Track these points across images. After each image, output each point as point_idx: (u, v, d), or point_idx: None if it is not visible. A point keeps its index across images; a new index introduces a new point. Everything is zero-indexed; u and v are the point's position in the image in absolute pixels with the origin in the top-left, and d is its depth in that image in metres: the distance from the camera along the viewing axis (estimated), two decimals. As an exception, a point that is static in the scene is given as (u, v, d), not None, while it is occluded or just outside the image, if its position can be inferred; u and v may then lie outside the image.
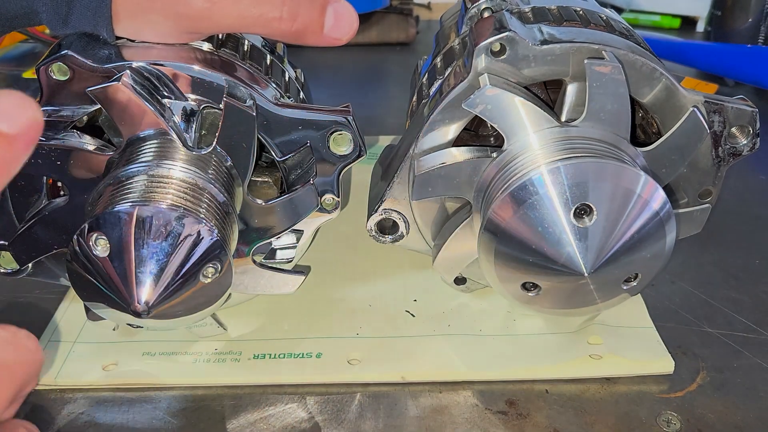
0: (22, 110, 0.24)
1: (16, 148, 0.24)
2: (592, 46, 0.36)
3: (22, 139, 0.24)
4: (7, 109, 0.24)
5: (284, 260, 0.42)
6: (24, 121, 0.24)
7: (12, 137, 0.24)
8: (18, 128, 0.24)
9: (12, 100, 0.24)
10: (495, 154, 0.37)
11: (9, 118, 0.24)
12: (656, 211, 0.35)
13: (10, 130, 0.23)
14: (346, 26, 0.36)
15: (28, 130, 0.24)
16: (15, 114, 0.24)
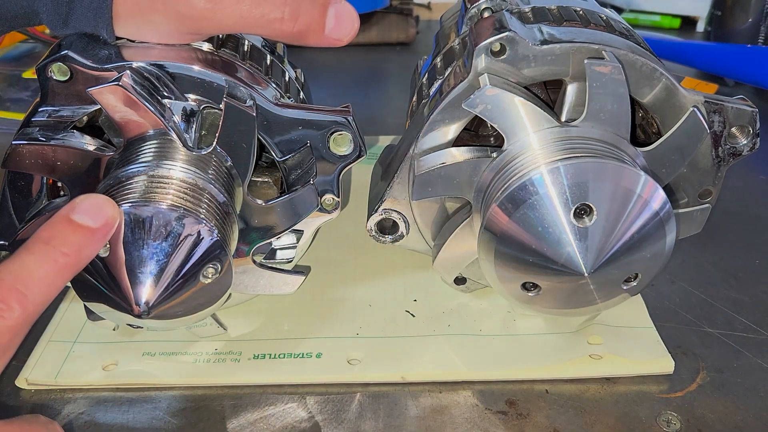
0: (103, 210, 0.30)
1: (96, 240, 0.30)
2: (592, 46, 0.36)
3: (101, 232, 0.30)
4: (91, 207, 0.30)
5: (284, 260, 0.42)
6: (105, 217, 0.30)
7: (94, 230, 0.30)
8: (100, 223, 0.30)
9: (96, 201, 0.30)
10: (495, 154, 0.37)
11: (93, 215, 0.30)
12: (656, 211, 0.35)
13: (94, 225, 0.30)
14: (347, 27, 0.36)
15: (107, 225, 0.30)
16: (98, 212, 0.30)
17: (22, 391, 0.38)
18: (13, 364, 0.40)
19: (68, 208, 0.30)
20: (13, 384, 0.38)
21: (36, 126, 0.36)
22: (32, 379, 0.39)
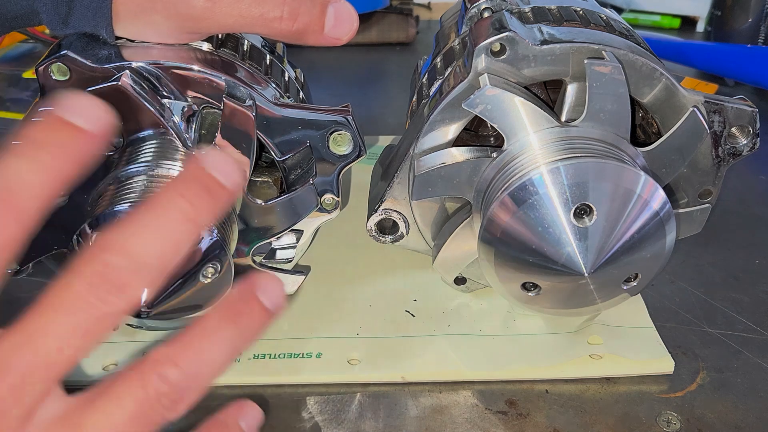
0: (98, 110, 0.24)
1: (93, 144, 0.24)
2: (592, 46, 0.36)
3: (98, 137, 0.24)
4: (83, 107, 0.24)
5: (284, 260, 0.42)
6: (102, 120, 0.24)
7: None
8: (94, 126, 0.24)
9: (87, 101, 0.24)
10: (495, 154, 0.37)
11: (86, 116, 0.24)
12: (656, 211, 0.35)
13: (87, 127, 0.24)
14: (346, 26, 0.36)
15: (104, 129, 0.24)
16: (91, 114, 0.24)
17: (21, 391, 0.38)
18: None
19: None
20: (12, 384, 0.38)
21: (36, 126, 0.36)
22: (32, 379, 0.39)
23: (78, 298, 0.23)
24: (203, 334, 0.25)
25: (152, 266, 0.24)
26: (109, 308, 0.23)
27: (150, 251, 0.24)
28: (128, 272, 0.23)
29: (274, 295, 0.25)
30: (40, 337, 0.23)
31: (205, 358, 0.24)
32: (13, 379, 0.22)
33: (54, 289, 0.24)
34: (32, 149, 0.24)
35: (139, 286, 0.24)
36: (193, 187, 0.24)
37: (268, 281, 0.25)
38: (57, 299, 0.24)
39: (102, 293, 0.23)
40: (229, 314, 0.25)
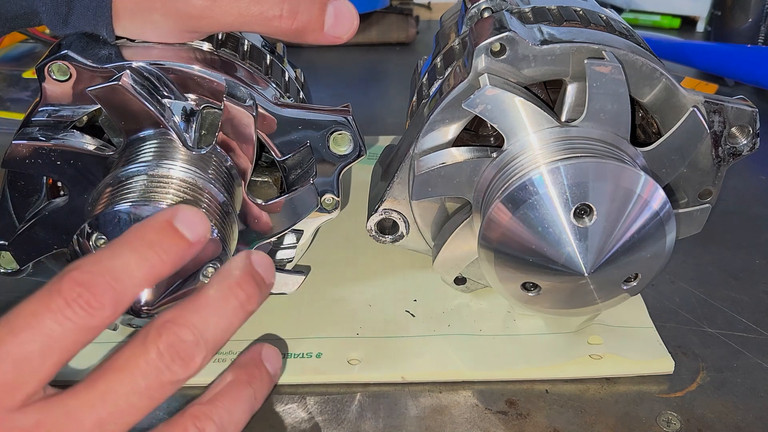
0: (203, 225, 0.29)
1: (189, 254, 0.28)
2: (592, 46, 0.36)
3: (195, 248, 0.28)
4: (192, 219, 0.28)
5: (284, 260, 0.42)
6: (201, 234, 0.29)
7: (191, 244, 0.28)
8: (196, 239, 0.28)
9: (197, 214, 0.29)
10: (495, 154, 0.37)
11: (193, 228, 0.28)
12: (656, 211, 0.35)
13: (192, 239, 0.28)
14: (346, 25, 0.36)
15: (200, 243, 0.29)
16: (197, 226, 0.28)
17: (21, 391, 0.38)
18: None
19: (170, 213, 0.28)
20: (12, 384, 0.38)
21: (36, 126, 0.36)
22: (32, 379, 0.39)
23: (148, 364, 0.26)
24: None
25: (212, 344, 0.27)
26: (174, 377, 0.26)
27: (212, 330, 0.27)
28: (194, 346, 0.26)
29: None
30: (111, 397, 0.25)
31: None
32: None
33: (125, 352, 0.26)
34: (142, 246, 0.27)
35: (200, 360, 0.27)
36: (250, 282, 0.28)
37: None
38: (128, 362, 0.26)
39: (169, 362, 0.26)
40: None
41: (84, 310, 0.25)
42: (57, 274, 0.26)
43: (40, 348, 0.25)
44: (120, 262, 0.26)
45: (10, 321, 0.25)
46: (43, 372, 0.25)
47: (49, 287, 0.25)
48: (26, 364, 0.24)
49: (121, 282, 0.26)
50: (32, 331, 0.25)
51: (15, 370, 0.24)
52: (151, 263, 0.27)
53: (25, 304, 0.25)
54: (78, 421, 0.25)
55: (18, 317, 0.25)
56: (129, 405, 0.25)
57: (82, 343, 0.26)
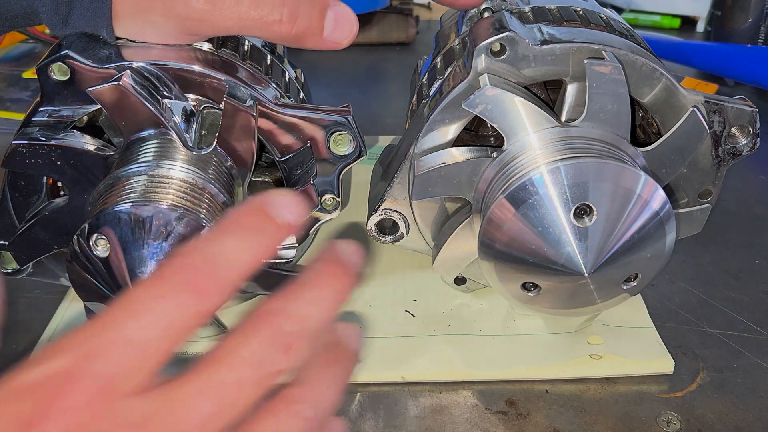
0: (294, 207, 0.28)
1: (285, 236, 0.28)
2: (592, 46, 0.36)
3: (291, 230, 0.28)
4: (283, 204, 0.28)
5: (284, 260, 0.42)
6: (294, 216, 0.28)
7: (287, 227, 0.28)
8: (291, 221, 0.28)
9: (287, 198, 0.28)
10: (495, 154, 0.37)
11: (284, 212, 0.28)
12: (656, 211, 0.35)
13: (286, 222, 0.28)
14: (345, 30, 0.36)
15: (296, 224, 0.28)
16: (290, 209, 0.28)
17: (22, 391, 0.38)
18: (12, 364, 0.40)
19: (261, 199, 0.28)
20: (13, 384, 0.38)
21: (36, 126, 0.36)
22: (32, 379, 0.39)
23: (252, 354, 0.26)
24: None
25: (311, 333, 0.27)
26: (276, 367, 0.26)
27: (313, 320, 0.27)
28: (295, 336, 0.27)
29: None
30: (219, 386, 0.25)
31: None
32: (192, 428, 0.25)
33: (228, 343, 0.26)
34: (241, 232, 0.27)
35: (300, 350, 0.27)
36: (343, 269, 0.29)
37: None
38: (231, 353, 0.26)
39: (272, 352, 0.26)
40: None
41: (194, 296, 0.26)
42: (165, 261, 0.27)
43: (156, 333, 0.25)
44: (222, 249, 0.27)
45: (126, 305, 0.25)
46: (157, 358, 0.25)
47: (159, 273, 0.26)
48: (143, 349, 0.25)
49: (225, 269, 0.26)
50: (149, 317, 0.25)
51: (134, 355, 0.25)
52: (250, 249, 0.27)
53: (137, 289, 0.26)
54: (189, 410, 0.25)
55: (133, 302, 0.25)
56: (237, 394, 0.26)
57: (192, 329, 0.26)
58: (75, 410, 0.23)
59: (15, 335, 0.42)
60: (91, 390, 0.23)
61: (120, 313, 0.25)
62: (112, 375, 0.24)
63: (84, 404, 0.23)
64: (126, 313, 0.25)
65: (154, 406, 0.24)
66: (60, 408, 0.22)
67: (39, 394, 0.23)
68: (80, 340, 0.24)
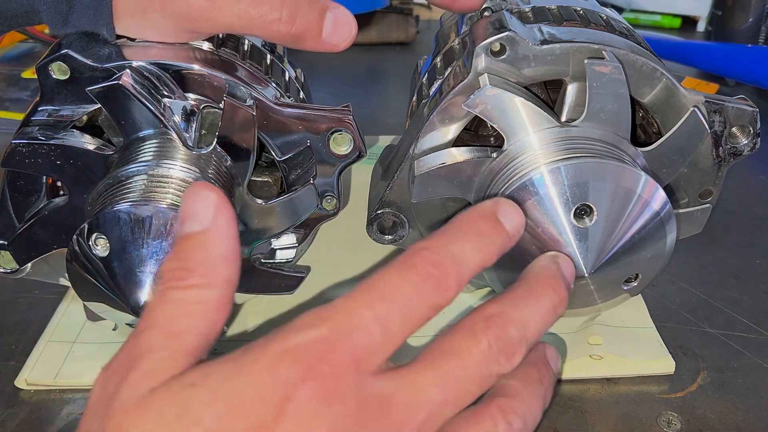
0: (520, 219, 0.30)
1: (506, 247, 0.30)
2: (592, 46, 0.36)
3: (511, 241, 0.30)
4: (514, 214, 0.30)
5: (284, 260, 0.42)
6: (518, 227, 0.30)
7: (510, 237, 0.30)
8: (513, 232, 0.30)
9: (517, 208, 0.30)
10: (495, 154, 0.37)
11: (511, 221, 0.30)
12: (656, 211, 0.35)
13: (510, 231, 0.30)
14: (344, 32, 0.36)
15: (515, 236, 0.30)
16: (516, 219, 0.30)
17: (21, 392, 0.38)
18: (12, 364, 0.40)
19: (494, 205, 0.30)
20: (12, 384, 0.38)
21: (36, 125, 0.36)
22: (32, 379, 0.39)
23: (481, 353, 0.27)
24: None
25: (530, 341, 0.28)
26: (500, 369, 0.27)
27: (531, 328, 0.29)
28: (517, 343, 0.28)
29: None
30: (451, 378, 0.27)
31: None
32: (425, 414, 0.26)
33: (456, 339, 0.27)
34: (475, 235, 0.29)
35: (521, 356, 0.28)
36: (562, 286, 0.31)
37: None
38: (462, 349, 0.27)
39: (497, 355, 0.27)
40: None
41: (436, 288, 0.27)
42: (408, 251, 0.28)
43: (400, 317, 0.26)
44: (460, 248, 0.28)
45: (376, 288, 0.26)
46: (397, 341, 0.26)
47: (403, 261, 0.27)
48: (389, 330, 0.26)
49: (463, 266, 0.28)
50: (396, 303, 0.26)
51: (381, 334, 0.26)
52: (482, 252, 0.28)
53: (385, 274, 0.27)
54: (426, 397, 0.26)
55: (382, 286, 0.26)
56: (464, 389, 0.27)
57: (426, 319, 0.27)
58: (330, 377, 0.24)
59: (15, 335, 0.42)
60: (345, 360, 0.25)
61: (370, 294, 0.26)
62: (360, 351, 0.25)
63: (337, 373, 0.24)
64: (372, 296, 0.26)
65: (393, 387, 0.26)
66: (318, 372, 0.24)
67: (302, 358, 0.24)
68: (336, 313, 0.26)
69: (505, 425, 0.27)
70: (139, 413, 0.23)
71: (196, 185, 0.27)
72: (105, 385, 0.25)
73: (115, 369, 0.25)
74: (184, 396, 0.23)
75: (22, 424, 0.36)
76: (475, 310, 0.29)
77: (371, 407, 0.25)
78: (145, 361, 0.25)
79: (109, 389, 0.25)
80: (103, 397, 0.25)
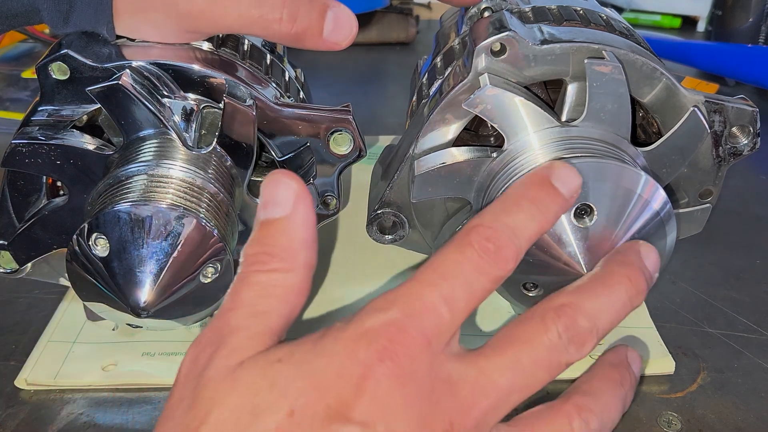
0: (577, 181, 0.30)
1: (562, 211, 0.30)
2: (592, 46, 0.36)
3: (568, 204, 0.30)
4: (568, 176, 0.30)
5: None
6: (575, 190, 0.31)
7: (566, 201, 0.30)
8: (570, 195, 0.30)
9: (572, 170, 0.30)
10: (495, 154, 0.37)
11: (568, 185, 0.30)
12: (656, 211, 0.35)
13: (567, 196, 0.30)
14: (345, 31, 0.36)
15: (573, 198, 0.31)
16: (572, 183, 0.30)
17: (21, 392, 0.38)
18: (12, 364, 0.40)
19: (547, 171, 0.30)
20: (12, 384, 0.38)
21: (36, 125, 0.36)
22: (31, 379, 0.39)
23: (551, 341, 0.27)
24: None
25: (601, 332, 0.28)
26: (569, 358, 0.27)
27: (603, 319, 0.28)
28: (588, 333, 0.28)
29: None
30: (519, 365, 0.27)
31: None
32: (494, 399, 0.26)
33: (526, 327, 0.28)
34: (528, 203, 0.29)
35: (591, 346, 0.28)
36: (640, 277, 0.30)
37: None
38: (531, 337, 0.27)
39: (567, 344, 0.27)
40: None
41: (495, 262, 0.27)
42: (464, 228, 0.28)
43: (464, 294, 0.27)
44: (514, 219, 0.28)
45: (437, 268, 0.27)
46: (463, 317, 0.27)
47: (460, 240, 0.28)
48: (455, 308, 0.26)
49: (518, 237, 0.28)
50: (458, 278, 0.27)
51: (449, 313, 0.26)
52: (537, 220, 0.29)
53: (444, 254, 0.27)
54: (493, 383, 0.26)
55: (443, 265, 0.27)
56: (532, 376, 0.27)
57: (488, 293, 0.27)
58: (404, 357, 0.25)
59: (15, 335, 0.42)
60: (417, 341, 0.25)
61: (432, 274, 0.27)
62: (430, 330, 0.26)
63: (411, 353, 0.25)
64: (435, 275, 0.27)
65: (463, 370, 0.26)
66: (393, 353, 0.25)
67: (377, 340, 0.25)
68: (404, 296, 0.26)
69: (580, 423, 0.27)
70: (230, 384, 0.24)
71: (277, 172, 0.28)
72: (195, 359, 0.26)
73: (205, 344, 0.26)
74: (271, 370, 0.25)
75: (22, 424, 0.36)
76: (547, 300, 0.29)
77: (441, 388, 0.25)
78: (233, 337, 0.26)
79: (200, 362, 0.26)
80: (193, 370, 0.26)
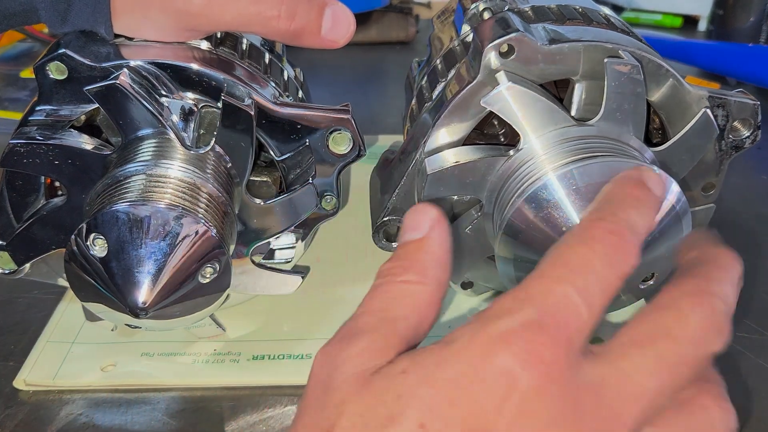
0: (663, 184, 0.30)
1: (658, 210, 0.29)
2: (604, 45, 0.36)
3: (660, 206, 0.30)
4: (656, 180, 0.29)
5: (283, 260, 0.42)
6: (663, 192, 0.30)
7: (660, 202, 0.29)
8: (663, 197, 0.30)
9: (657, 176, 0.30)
10: (511, 152, 0.36)
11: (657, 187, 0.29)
12: (673, 205, 0.34)
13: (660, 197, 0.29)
14: (343, 29, 0.36)
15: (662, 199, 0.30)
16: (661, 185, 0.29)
17: (20, 392, 0.38)
18: (11, 365, 0.40)
19: (638, 173, 0.29)
20: (11, 385, 0.38)
21: (34, 125, 0.36)
22: (30, 380, 0.38)
23: (693, 333, 0.25)
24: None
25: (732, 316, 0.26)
26: (712, 348, 0.25)
27: (731, 304, 0.26)
28: (727, 318, 0.26)
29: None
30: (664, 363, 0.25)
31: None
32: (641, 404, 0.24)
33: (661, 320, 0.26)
34: (635, 202, 0.28)
35: (729, 332, 0.26)
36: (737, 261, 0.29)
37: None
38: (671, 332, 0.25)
39: (710, 334, 0.25)
40: None
41: (622, 255, 0.25)
42: (579, 224, 0.27)
43: (599, 289, 0.25)
44: (628, 216, 0.27)
45: (564, 263, 0.25)
46: (600, 316, 0.25)
47: (581, 234, 0.26)
48: (593, 304, 0.24)
49: (636, 233, 0.26)
50: (591, 273, 0.25)
51: (587, 310, 0.24)
52: (645, 217, 0.27)
53: (568, 248, 0.25)
54: (640, 387, 0.24)
55: (570, 259, 0.25)
56: (679, 375, 0.25)
57: (617, 290, 0.25)
58: (551, 364, 0.23)
59: (14, 335, 0.42)
60: (561, 343, 0.23)
61: (561, 269, 0.25)
62: (572, 330, 0.24)
63: (556, 359, 0.23)
64: (565, 270, 0.25)
65: (606, 372, 0.24)
66: (538, 359, 0.22)
67: (518, 344, 0.23)
68: (535, 293, 0.24)
69: (719, 412, 0.25)
70: (359, 391, 0.24)
71: (421, 205, 0.28)
72: (326, 360, 0.26)
73: (336, 343, 0.26)
74: (397, 381, 0.23)
75: (20, 425, 0.36)
76: (668, 288, 0.27)
77: (587, 396, 0.23)
78: (361, 339, 0.25)
79: (330, 364, 0.25)
80: (323, 371, 0.25)
